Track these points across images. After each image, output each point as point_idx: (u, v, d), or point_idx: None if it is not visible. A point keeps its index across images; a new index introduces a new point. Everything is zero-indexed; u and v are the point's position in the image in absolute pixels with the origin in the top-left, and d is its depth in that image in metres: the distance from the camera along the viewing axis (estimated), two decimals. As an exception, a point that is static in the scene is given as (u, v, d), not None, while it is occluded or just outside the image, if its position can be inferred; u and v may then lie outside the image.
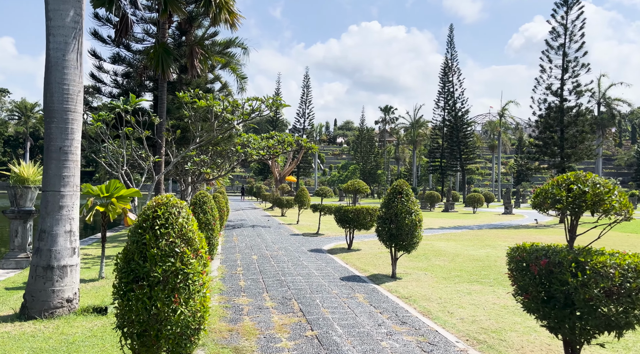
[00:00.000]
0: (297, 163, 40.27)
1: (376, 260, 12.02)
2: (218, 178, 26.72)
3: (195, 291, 3.80)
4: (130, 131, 12.22)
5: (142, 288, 3.66)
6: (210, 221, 8.97)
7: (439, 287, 8.88)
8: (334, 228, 20.51)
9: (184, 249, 3.79)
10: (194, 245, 3.91)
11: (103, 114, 11.22)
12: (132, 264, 3.71)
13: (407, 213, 9.51)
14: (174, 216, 3.85)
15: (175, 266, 3.71)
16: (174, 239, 3.78)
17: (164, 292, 3.65)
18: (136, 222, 3.86)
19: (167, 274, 3.68)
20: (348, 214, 13.69)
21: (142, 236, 3.76)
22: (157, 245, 3.71)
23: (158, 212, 3.82)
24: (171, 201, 3.93)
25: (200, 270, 3.89)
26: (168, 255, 3.71)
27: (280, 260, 11.75)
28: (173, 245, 3.75)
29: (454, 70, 60.12)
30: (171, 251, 3.73)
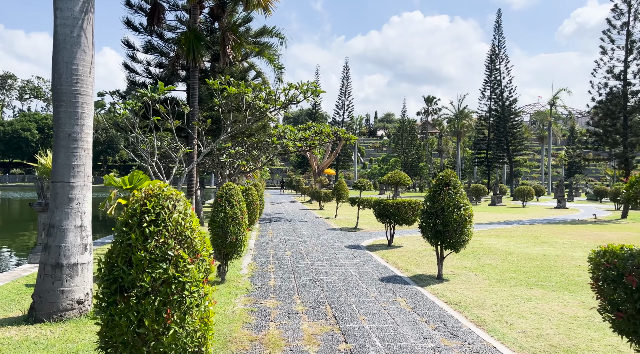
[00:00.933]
0: (335, 155, 39.42)
1: (419, 258, 11.01)
2: (255, 171, 26.26)
3: (193, 304, 3.02)
4: (160, 120, 11.72)
5: (126, 300, 2.91)
6: (237, 215, 8.29)
7: (492, 291, 7.81)
8: (373, 223, 19.53)
9: (179, 252, 3.02)
10: (192, 246, 3.13)
11: (131, 103, 10.75)
12: (116, 271, 2.97)
13: (455, 207, 8.46)
14: (167, 210, 3.09)
15: (168, 274, 2.94)
16: (166, 240, 3.01)
17: (153, 306, 2.89)
18: (122, 218, 3.12)
19: (157, 284, 2.92)
20: (388, 208, 12.72)
21: (127, 236, 3.01)
22: (145, 247, 2.95)
23: (147, 205, 3.06)
24: (165, 192, 3.17)
25: (200, 278, 3.11)
26: (159, 259, 2.95)
27: (315, 257, 10.97)
28: (165, 247, 2.99)
29: (502, 57, 57.27)
30: (163, 254, 2.97)
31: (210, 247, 3.36)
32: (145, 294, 2.91)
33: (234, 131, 12.43)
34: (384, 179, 13.27)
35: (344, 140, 26.83)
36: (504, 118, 56.66)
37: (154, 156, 12.49)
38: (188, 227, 3.14)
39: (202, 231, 3.34)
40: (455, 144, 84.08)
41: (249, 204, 12.60)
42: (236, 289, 7.79)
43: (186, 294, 2.99)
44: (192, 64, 13.65)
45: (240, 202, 8.47)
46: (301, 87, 12.21)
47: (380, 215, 13.06)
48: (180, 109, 12.57)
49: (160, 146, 13.00)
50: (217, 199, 8.40)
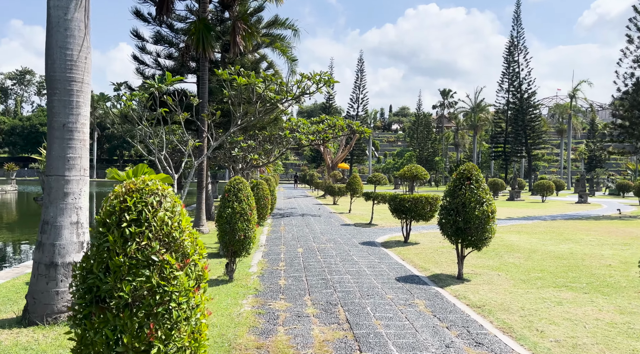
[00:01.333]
0: (349, 150, 38.86)
1: (438, 256, 10.48)
2: (267, 165, 25.90)
3: (181, 317, 2.58)
4: (168, 113, 11.35)
5: (103, 313, 2.49)
6: (245, 211, 7.87)
7: (518, 293, 7.26)
8: (388, 218, 19.01)
9: (164, 257, 2.57)
10: (181, 250, 2.69)
11: (137, 93, 10.38)
12: (91, 278, 2.54)
13: (477, 203, 7.92)
14: (151, 208, 2.65)
15: (151, 282, 2.51)
16: (149, 242, 2.57)
17: (133, 320, 2.46)
18: (99, 217, 2.69)
19: (138, 294, 2.49)
20: (404, 204, 12.19)
21: (103, 238, 2.58)
22: (124, 251, 2.52)
23: (128, 202, 2.63)
24: (149, 186, 2.73)
25: (191, 286, 2.67)
26: (141, 265, 2.52)
27: (328, 254, 10.51)
28: (148, 251, 2.55)
29: (520, 48, 55.88)
30: (145, 259, 2.53)
31: (204, 250, 2.92)
32: (125, 306, 2.48)
33: (244, 123, 12.00)
34: (400, 173, 12.73)
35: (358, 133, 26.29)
36: (522, 111, 55.37)
37: (163, 149, 12.14)
38: (176, 227, 2.70)
39: (194, 231, 2.89)
40: (471, 137, 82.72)
41: (260, 199, 12.19)
42: (244, 289, 7.38)
43: (173, 305, 2.55)
44: (202, 54, 13.25)
45: (248, 197, 8.05)
46: (313, 77, 11.71)
47: (396, 211, 12.54)
48: (189, 101, 12.19)
49: (169, 139, 12.65)
50: (225, 194, 7.99)
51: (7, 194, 42.71)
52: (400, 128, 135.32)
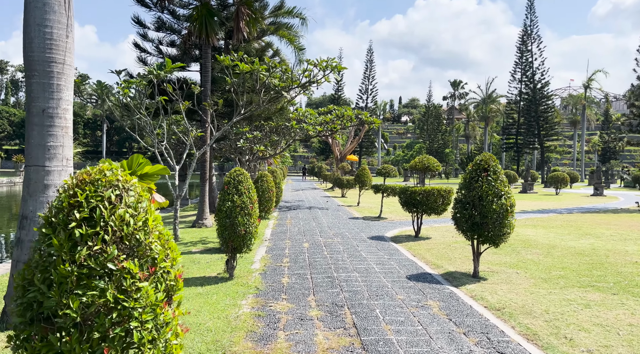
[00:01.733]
0: (358, 141, 38.22)
1: (451, 252, 9.93)
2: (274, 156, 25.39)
3: (145, 340, 2.08)
4: (168, 101, 10.88)
5: (46, 335, 1.99)
6: (246, 205, 7.38)
7: (540, 293, 6.70)
8: (398, 211, 18.45)
9: (124, 265, 2.07)
10: (147, 255, 2.18)
11: (134, 81, 9.90)
12: (32, 292, 2.05)
13: (495, 196, 7.35)
14: (108, 203, 2.14)
15: (107, 296, 2.00)
16: (105, 247, 2.07)
17: (83, 344, 1.96)
18: (44, 216, 2.20)
19: (89, 312, 1.99)
20: (415, 196, 11.63)
21: (47, 241, 2.08)
22: (72, 257, 2.02)
23: (78, 196, 2.12)
24: (107, 177, 2.22)
25: (158, 301, 2.16)
26: (93, 275, 2.01)
27: (335, 249, 10.01)
28: (104, 257, 2.05)
29: (534, 37, 54.57)
30: (100, 267, 2.03)
31: (179, 254, 2.41)
32: (73, 327, 1.98)
33: (247, 112, 11.49)
34: (411, 165, 12.15)
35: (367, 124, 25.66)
36: (535, 102, 54.19)
37: (164, 140, 11.70)
38: (141, 227, 2.19)
39: (166, 232, 2.38)
40: (482, 129, 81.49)
41: (264, 192, 11.71)
42: (244, 288, 6.91)
43: (135, 325, 2.05)
44: (205, 41, 12.72)
45: (249, 190, 7.54)
46: (320, 63, 11.14)
47: (406, 204, 11.99)
48: (191, 90, 11.72)
49: (169, 129, 12.18)
50: (224, 187, 7.50)
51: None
52: (410, 120, 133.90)
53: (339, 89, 71.67)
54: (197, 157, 11.16)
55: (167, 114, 11.79)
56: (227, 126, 11.18)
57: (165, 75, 10.50)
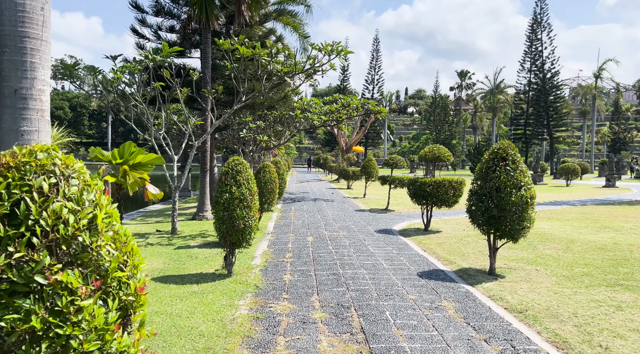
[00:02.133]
0: (364, 132, 37.56)
1: (463, 247, 9.38)
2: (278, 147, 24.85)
3: (88, 377, 1.55)
4: (165, 88, 10.35)
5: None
6: (245, 197, 6.86)
7: (564, 293, 6.15)
8: (405, 203, 17.90)
9: (57, 277, 1.54)
10: (94, 263, 1.66)
11: (129, 66, 9.37)
12: None
13: (514, 187, 6.78)
14: (39, 195, 1.61)
15: (32, 320, 1.48)
16: (32, 253, 1.54)
17: (0, 386, 1.44)
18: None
19: (8, 343, 1.46)
20: (425, 188, 11.06)
21: (-46, 245, 1.55)
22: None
23: (-3, 185, 1.58)
24: (40, 160, 1.69)
25: (109, 324, 1.64)
26: (16, 291, 1.49)
27: (341, 244, 9.49)
28: (30, 268, 1.52)
29: (544, 26, 53.38)
30: (25, 281, 1.51)
31: (142, 260, 1.89)
32: (-11, 361, 1.46)
33: (249, 100, 10.93)
34: (421, 155, 11.57)
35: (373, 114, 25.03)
36: (545, 92, 53.15)
37: (162, 129, 11.20)
38: (86, 227, 1.65)
39: (125, 231, 1.86)
40: (489, 120, 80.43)
41: (266, 183, 11.18)
42: (243, 286, 6.41)
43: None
44: (205, 25, 12.14)
45: (249, 181, 7.02)
46: (325, 48, 10.54)
47: (415, 195, 11.43)
48: (190, 77, 11.19)
49: (169, 118, 11.66)
50: (222, 177, 6.98)
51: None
52: (416, 111, 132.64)
53: (344, 79, 70.83)
54: (195, 147, 10.64)
55: (165, 101, 11.26)
56: (228, 114, 10.64)
57: (163, 60, 9.96)
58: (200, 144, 12.62)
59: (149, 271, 7.19)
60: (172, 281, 6.65)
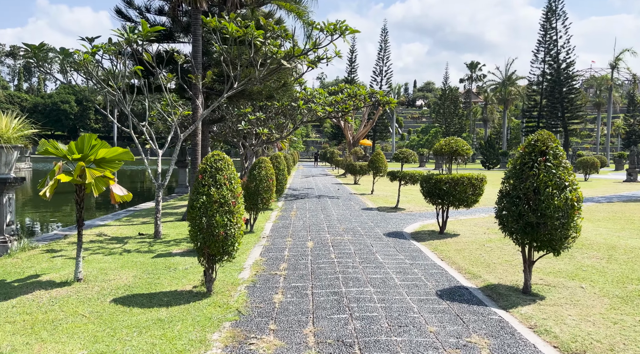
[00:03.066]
0: (372, 125, 36.20)
1: (487, 255, 8.09)
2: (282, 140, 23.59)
3: None
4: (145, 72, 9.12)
5: None
6: (227, 200, 5.62)
7: (626, 323, 4.86)
8: (417, 200, 16.61)
9: None
10: None
11: (101, 46, 8.15)
12: None
13: (556, 187, 5.49)
14: None
15: None
16: None
17: None
18: None
19: None
20: (441, 186, 9.77)
21: None
22: None
23: None
24: None
25: None
26: None
27: (345, 251, 8.24)
28: None
29: (559, 14, 51.44)
30: None
31: None
32: None
33: (242, 86, 9.67)
34: (436, 148, 10.26)
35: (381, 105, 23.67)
36: (560, 82, 51.32)
37: (145, 120, 10.01)
38: None
39: None
40: (500, 113, 78.53)
41: (262, 180, 9.95)
42: (222, 311, 5.20)
43: None
44: (193, 4, 10.88)
45: (231, 181, 5.78)
46: (327, 26, 9.24)
47: (430, 194, 10.14)
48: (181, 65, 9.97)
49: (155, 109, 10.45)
50: (198, 177, 5.75)
51: (21, 172, 41.74)
52: (425, 104, 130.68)
53: (352, 71, 69.30)
54: (181, 139, 9.42)
55: (150, 89, 10.04)
56: (218, 101, 9.40)
57: (142, 40, 8.73)
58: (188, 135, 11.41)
59: (112, 288, 6.00)
60: (137, 302, 5.45)
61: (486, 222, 11.83)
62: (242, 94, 12.95)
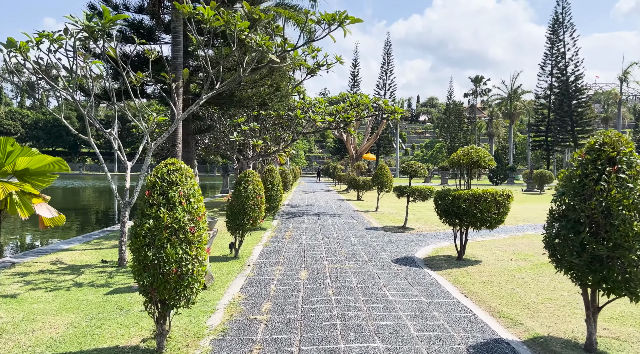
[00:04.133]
0: (376, 138, 34.79)
1: (523, 290, 6.51)
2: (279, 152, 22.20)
3: None
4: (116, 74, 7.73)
5: None
6: (182, 225, 4.12)
7: None
8: (426, 218, 15.05)
9: None
10: None
11: (47, 34, 6.77)
12: None
13: (634, 208, 3.98)
14: None
15: None
16: None
17: None
18: None
19: None
20: (460, 203, 8.24)
21: None
22: None
23: None
24: None
25: None
26: None
27: (345, 284, 6.69)
28: None
29: (566, 26, 50.31)
30: None
31: None
32: None
33: (224, 86, 8.24)
34: (453, 160, 8.76)
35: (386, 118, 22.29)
36: (568, 95, 49.94)
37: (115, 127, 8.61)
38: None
39: None
40: (505, 128, 77.12)
41: (249, 198, 8.46)
42: (169, 384, 3.64)
43: None
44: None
45: (190, 198, 4.29)
46: (324, 16, 7.84)
47: (446, 213, 8.60)
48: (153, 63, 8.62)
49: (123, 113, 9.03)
50: (145, 193, 4.25)
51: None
52: (429, 119, 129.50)
53: (354, 85, 68.26)
54: (152, 149, 7.96)
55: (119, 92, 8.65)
56: (196, 104, 7.96)
57: (103, 31, 7.34)
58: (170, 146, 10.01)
59: (31, 345, 4.46)
60: (55, 368, 3.92)
61: (509, 245, 10.27)
62: (230, 100, 11.55)
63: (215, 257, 8.81)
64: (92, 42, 7.74)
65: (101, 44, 7.80)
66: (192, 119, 12.64)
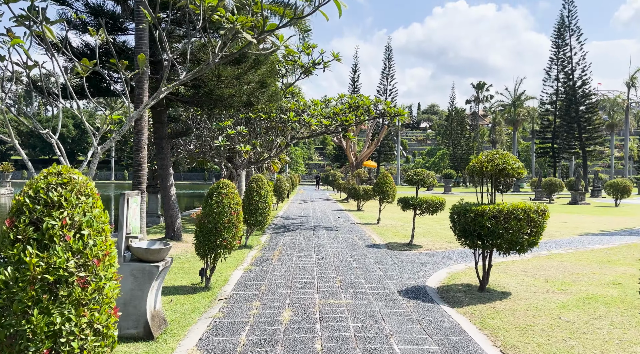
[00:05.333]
0: (376, 145, 33.21)
1: (577, 341, 4.83)
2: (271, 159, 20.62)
3: None
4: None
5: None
6: (65, 275, 2.50)
7: None
8: (434, 233, 13.42)
9: None
10: None
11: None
12: None
13: None
14: None
15: None
16: None
17: None
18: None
19: None
20: (483, 221, 6.58)
21: None
22: None
23: None
24: None
25: None
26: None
27: (339, 333, 5.02)
28: None
29: (572, 29, 48.91)
30: None
31: None
32: None
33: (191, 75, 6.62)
34: (473, 167, 7.14)
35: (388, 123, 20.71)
36: (575, 101, 48.41)
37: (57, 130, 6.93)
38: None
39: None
40: (509, 135, 75.59)
41: (221, 214, 6.83)
42: None
43: None
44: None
45: (83, 230, 2.66)
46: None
47: (466, 233, 6.94)
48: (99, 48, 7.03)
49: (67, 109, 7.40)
50: (6, 223, 2.62)
51: (1, 198, 38.63)
52: (430, 127, 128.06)
53: (354, 91, 66.88)
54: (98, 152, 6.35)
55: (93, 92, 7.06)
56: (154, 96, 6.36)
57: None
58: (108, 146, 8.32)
59: None
60: None
61: (537, 268, 8.62)
62: (209, 98, 9.96)
63: (181, 287, 7.17)
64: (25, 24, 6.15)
65: (39, 25, 6.22)
66: (167, 121, 11.07)
